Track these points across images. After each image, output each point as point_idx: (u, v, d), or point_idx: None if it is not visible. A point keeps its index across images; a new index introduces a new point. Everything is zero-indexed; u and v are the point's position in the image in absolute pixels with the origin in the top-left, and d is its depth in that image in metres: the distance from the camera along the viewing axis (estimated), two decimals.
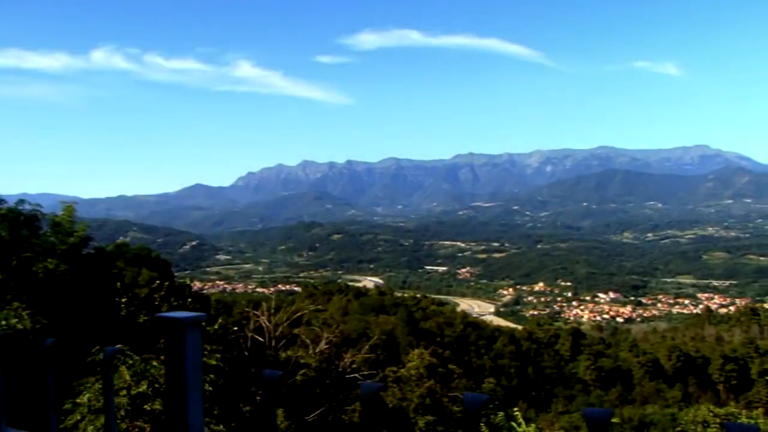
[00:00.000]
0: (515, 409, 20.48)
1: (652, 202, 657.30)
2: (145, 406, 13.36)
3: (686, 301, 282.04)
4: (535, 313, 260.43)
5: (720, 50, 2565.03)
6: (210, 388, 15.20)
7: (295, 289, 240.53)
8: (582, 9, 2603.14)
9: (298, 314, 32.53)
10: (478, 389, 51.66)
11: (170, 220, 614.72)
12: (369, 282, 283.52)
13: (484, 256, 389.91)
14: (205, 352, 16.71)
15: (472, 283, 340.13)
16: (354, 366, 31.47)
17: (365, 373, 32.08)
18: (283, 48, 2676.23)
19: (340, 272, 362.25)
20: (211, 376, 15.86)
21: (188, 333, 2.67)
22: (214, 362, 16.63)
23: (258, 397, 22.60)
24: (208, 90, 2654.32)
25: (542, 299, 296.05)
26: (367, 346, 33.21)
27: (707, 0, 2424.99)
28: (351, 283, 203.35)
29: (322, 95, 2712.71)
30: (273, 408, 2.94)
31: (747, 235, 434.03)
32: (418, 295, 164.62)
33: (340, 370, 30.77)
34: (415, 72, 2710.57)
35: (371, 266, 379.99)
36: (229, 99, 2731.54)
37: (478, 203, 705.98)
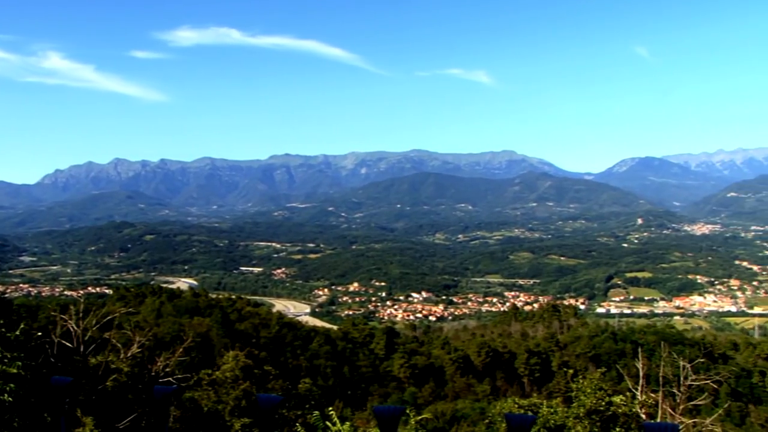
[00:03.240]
0: (330, 408, 20.57)
1: (462, 205, 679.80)
2: None
3: (494, 300, 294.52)
4: (350, 312, 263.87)
5: (526, 61, 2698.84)
6: (10, 399, 14.29)
7: (106, 291, 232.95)
8: (398, 14, 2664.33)
9: (109, 317, 31.20)
10: (294, 390, 51.50)
11: None
12: (183, 283, 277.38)
13: (299, 256, 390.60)
14: (6, 360, 15.71)
15: (287, 284, 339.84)
16: (168, 370, 30.57)
17: (179, 376, 31.26)
18: (97, 41, 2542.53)
19: (153, 274, 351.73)
20: (11, 385, 14.91)
21: None
22: (15, 371, 15.64)
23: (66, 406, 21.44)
24: (12, 81, 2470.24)
25: (357, 299, 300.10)
26: (181, 349, 32.29)
27: (516, 11, 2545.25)
28: (164, 285, 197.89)
29: (136, 91, 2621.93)
30: (62, 416, 2.91)
31: (549, 236, 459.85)
32: (233, 297, 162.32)
33: (153, 374, 29.81)
34: (233, 71, 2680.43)
35: (185, 267, 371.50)
36: (37, 91, 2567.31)
37: (293, 204, 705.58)
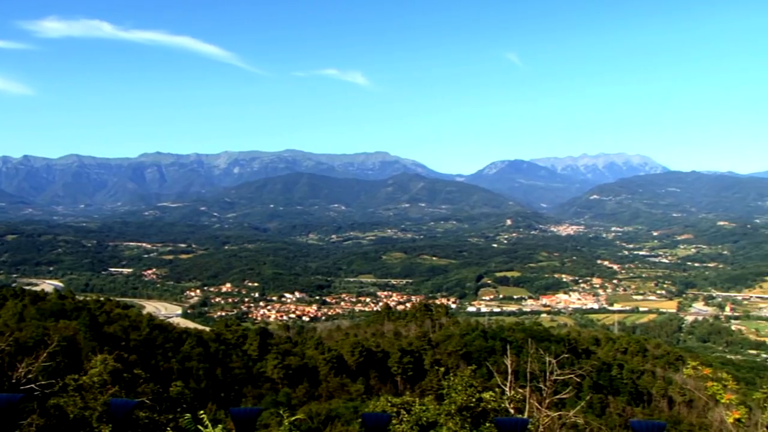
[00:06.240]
0: (203, 411, 20.27)
1: (336, 205, 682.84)
2: None
3: (367, 299, 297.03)
4: (223, 314, 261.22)
5: (401, 64, 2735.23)
6: None
7: None
8: (275, 12, 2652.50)
9: None
10: (165, 393, 50.49)
11: None
12: (48, 285, 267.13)
13: (170, 257, 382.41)
14: None
15: (158, 285, 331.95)
16: (30, 376, 29.41)
17: (43, 382, 30.13)
18: None
19: (15, 275, 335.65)
20: None
21: None
22: None
23: None
24: None
25: (230, 300, 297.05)
26: (45, 354, 31.13)
27: (391, 15, 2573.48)
28: (28, 287, 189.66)
29: None
30: None
31: (421, 236, 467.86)
32: (101, 298, 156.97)
33: (14, 381, 28.65)
34: (104, 65, 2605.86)
35: (50, 269, 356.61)
36: None
37: (164, 203, 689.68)
